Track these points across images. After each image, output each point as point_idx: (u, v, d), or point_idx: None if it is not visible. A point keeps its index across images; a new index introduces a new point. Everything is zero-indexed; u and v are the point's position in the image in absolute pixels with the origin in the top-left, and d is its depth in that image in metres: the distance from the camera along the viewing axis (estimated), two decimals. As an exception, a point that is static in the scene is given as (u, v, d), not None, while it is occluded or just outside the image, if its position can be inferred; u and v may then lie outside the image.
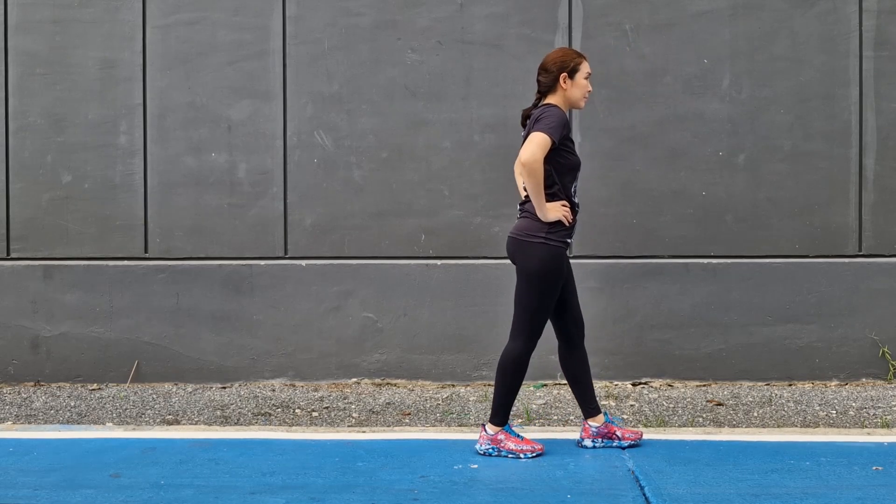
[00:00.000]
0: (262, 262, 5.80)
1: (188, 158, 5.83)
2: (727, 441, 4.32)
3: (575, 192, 4.01)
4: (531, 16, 5.75)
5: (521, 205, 4.06)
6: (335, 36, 5.80)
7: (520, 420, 4.92)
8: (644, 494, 3.50)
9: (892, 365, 5.65)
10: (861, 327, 5.68)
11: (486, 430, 4.05)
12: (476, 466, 3.88)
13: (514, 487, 3.59)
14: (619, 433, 4.18)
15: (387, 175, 5.80)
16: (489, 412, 4.14)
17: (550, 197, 3.93)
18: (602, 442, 4.16)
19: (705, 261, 5.70)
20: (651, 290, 5.71)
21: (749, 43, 5.71)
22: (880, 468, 3.83)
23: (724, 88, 5.73)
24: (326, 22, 5.79)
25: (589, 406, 4.17)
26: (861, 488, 3.56)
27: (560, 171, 3.93)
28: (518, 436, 4.07)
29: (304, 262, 5.80)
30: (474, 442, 4.30)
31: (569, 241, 3.97)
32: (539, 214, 3.90)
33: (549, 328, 4.07)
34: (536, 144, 3.79)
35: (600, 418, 4.18)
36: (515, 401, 5.31)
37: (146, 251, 5.84)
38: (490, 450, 4.03)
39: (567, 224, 3.93)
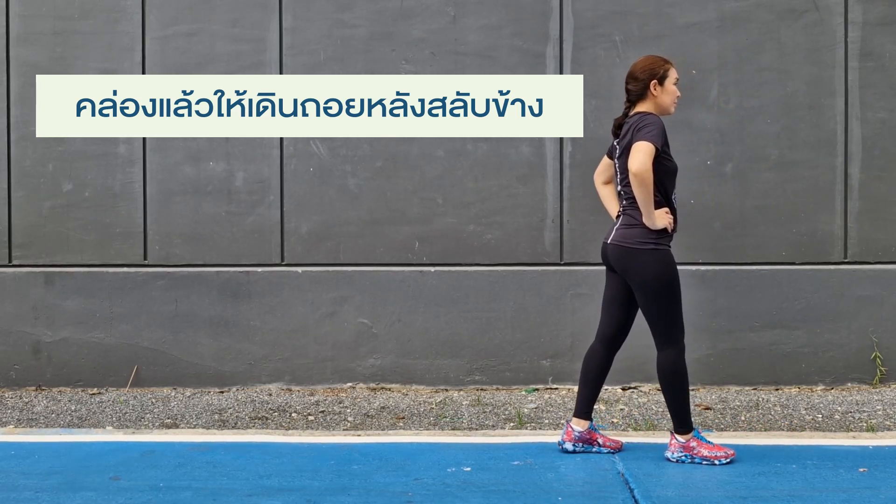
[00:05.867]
0: (259, 269, 5.88)
1: (186, 167, 5.90)
2: (714, 444, 4.39)
3: (674, 197, 4.08)
4: (523, 27, 5.84)
5: (622, 212, 4.08)
6: (331, 47, 5.88)
7: (511, 424, 4.98)
8: (634, 497, 3.57)
9: (881, 370, 5.72)
10: (846, 333, 5.76)
11: (676, 439, 4.04)
12: (469, 469, 3.95)
13: (505, 490, 3.67)
14: (599, 440, 4.21)
15: (381, 184, 5.88)
16: (672, 422, 4.05)
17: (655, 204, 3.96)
18: (582, 447, 4.19)
19: (693, 267, 5.78)
20: (641, 296, 5.78)
21: (736, 54, 5.81)
22: (865, 470, 3.91)
23: (711, 99, 5.83)
24: (322, 33, 5.88)
25: (586, 408, 4.19)
26: (847, 491, 3.64)
27: (661, 177, 3.97)
28: (708, 441, 4.05)
29: (300, 269, 5.87)
30: (468, 445, 4.35)
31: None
32: (647, 223, 3.93)
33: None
34: (644, 153, 3.82)
35: (585, 423, 4.20)
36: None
37: (145, 258, 5.91)
38: (683, 457, 4.02)
39: (670, 230, 3.99)
